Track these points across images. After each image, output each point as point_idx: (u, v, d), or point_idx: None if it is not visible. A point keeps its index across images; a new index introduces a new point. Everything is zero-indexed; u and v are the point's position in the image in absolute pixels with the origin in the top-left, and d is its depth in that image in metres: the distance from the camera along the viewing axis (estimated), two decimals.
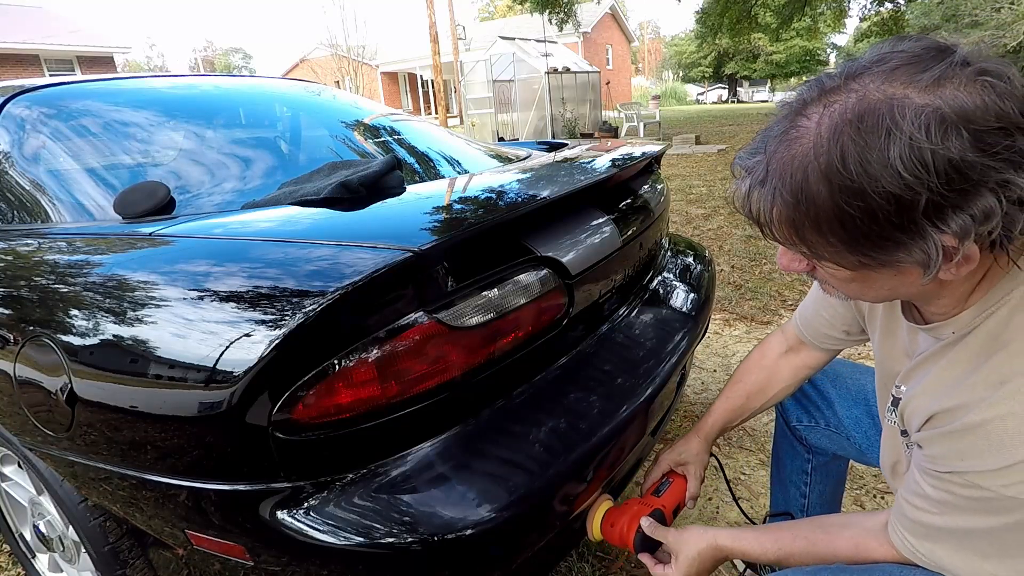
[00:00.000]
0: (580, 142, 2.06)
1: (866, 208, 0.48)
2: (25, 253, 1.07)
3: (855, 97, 0.49)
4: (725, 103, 36.36)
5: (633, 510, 0.96)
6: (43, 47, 15.98)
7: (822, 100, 0.52)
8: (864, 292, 0.61)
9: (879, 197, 0.47)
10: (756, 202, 0.55)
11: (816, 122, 0.51)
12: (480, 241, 0.91)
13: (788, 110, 0.55)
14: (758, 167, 0.54)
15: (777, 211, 0.54)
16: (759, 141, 0.56)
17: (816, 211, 0.51)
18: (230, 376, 0.71)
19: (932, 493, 0.63)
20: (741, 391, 1.06)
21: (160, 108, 1.52)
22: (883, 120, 0.47)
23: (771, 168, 0.53)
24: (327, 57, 24.26)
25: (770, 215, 0.55)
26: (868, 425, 1.04)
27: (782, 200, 0.53)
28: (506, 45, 13.32)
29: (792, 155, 0.52)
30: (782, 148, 0.53)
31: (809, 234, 0.53)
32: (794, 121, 0.53)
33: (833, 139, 0.49)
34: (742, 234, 4.10)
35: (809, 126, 0.51)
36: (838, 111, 0.50)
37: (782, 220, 0.54)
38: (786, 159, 0.52)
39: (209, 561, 0.86)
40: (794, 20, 15.36)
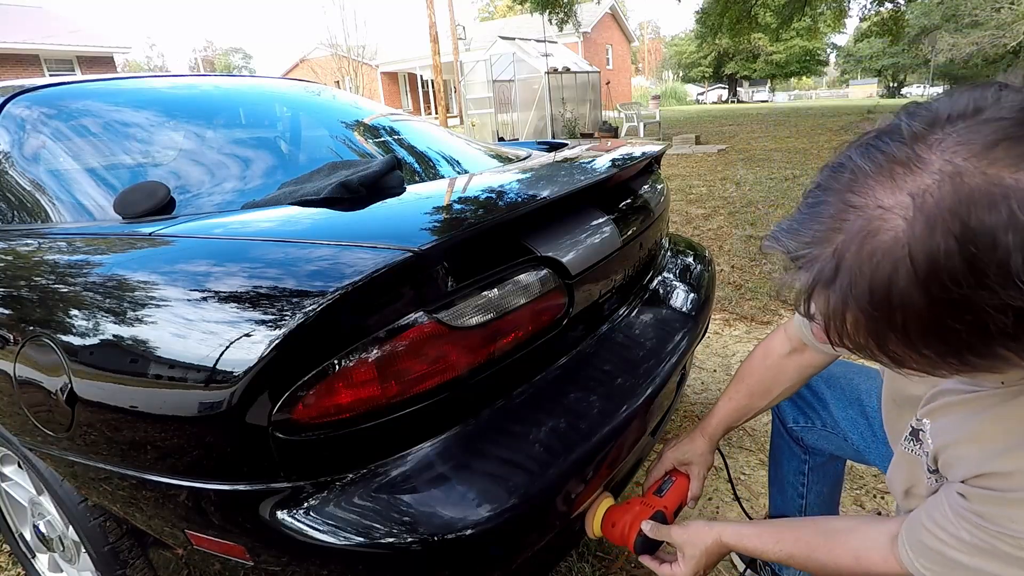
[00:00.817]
0: (580, 142, 2.06)
1: (976, 322, 0.40)
2: (25, 253, 1.07)
3: (948, 182, 0.39)
4: (725, 103, 36.36)
5: (635, 510, 0.96)
6: (43, 47, 15.98)
7: (895, 177, 0.41)
8: None
9: (994, 310, 0.38)
10: (821, 305, 0.46)
11: (900, 215, 0.40)
12: (480, 241, 0.91)
13: (841, 180, 0.44)
14: (821, 262, 0.44)
15: (853, 318, 0.44)
16: (808, 223, 0.46)
17: (907, 323, 0.42)
18: (230, 376, 0.71)
19: (967, 538, 0.59)
20: (744, 391, 1.04)
21: (160, 108, 1.52)
22: (997, 215, 0.37)
23: (843, 267, 0.43)
24: (327, 57, 24.27)
25: (841, 320, 0.45)
26: (864, 426, 1.04)
27: (859, 307, 0.43)
28: (506, 45, 13.32)
29: (872, 251, 0.41)
30: (854, 241, 0.42)
31: (894, 346, 0.44)
32: (856, 204, 0.43)
33: (930, 238, 0.39)
34: (742, 234, 4.10)
35: (888, 217, 0.41)
36: (931, 200, 0.39)
37: (859, 328, 0.45)
38: (864, 256, 0.42)
39: (209, 561, 0.87)
40: (794, 20, 15.39)
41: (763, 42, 33.85)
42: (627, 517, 0.95)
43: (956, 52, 12.16)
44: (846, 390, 1.07)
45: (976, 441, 0.60)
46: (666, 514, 0.96)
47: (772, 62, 38.02)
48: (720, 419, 1.05)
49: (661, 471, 1.05)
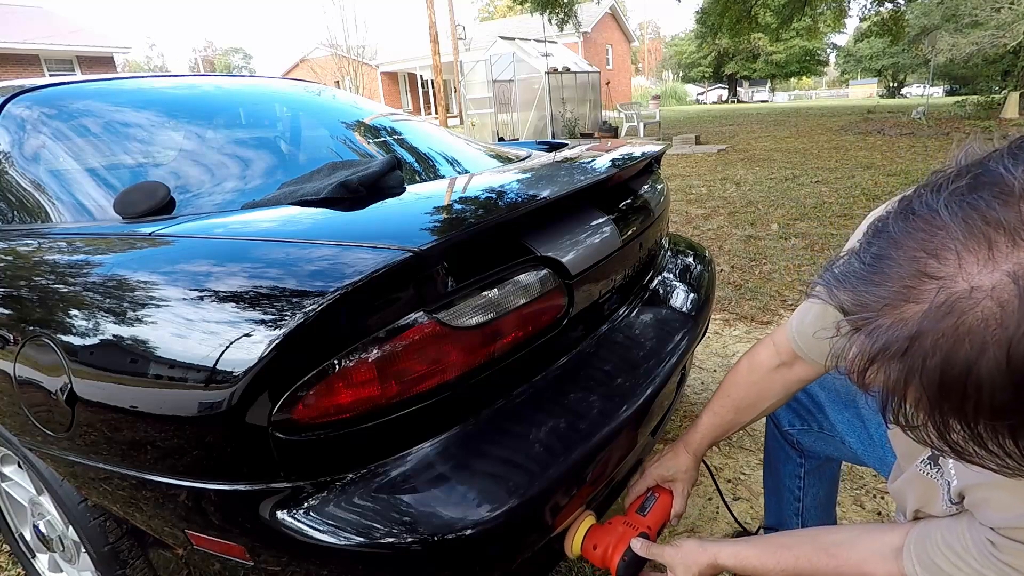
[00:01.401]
0: (580, 142, 2.06)
1: None
2: (25, 253, 1.07)
3: None
4: (725, 103, 36.37)
5: (618, 531, 0.93)
6: (43, 47, 15.98)
7: (992, 248, 0.35)
8: None
9: None
10: (879, 377, 0.40)
11: (994, 298, 0.35)
12: (480, 241, 0.91)
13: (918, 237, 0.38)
14: (889, 332, 0.38)
15: (915, 397, 0.39)
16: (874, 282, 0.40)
17: (979, 416, 0.37)
18: (230, 376, 0.71)
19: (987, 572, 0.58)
20: (729, 405, 0.99)
21: (160, 108, 1.52)
22: None
23: (917, 343, 0.37)
24: (327, 57, 24.26)
25: (902, 398, 0.41)
26: (859, 428, 1.04)
27: (925, 390, 0.38)
28: (506, 45, 13.32)
29: (953, 333, 0.36)
30: (934, 320, 0.36)
31: (956, 436, 0.39)
32: (935, 270, 0.37)
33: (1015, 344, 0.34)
34: (742, 234, 4.10)
35: (977, 296, 0.35)
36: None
37: (919, 410, 0.40)
38: (942, 334, 0.36)
39: (209, 561, 0.87)
40: (794, 20, 15.39)
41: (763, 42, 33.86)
42: (610, 539, 0.92)
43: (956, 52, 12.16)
44: (841, 393, 1.07)
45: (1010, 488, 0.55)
46: (650, 534, 0.94)
47: (772, 62, 38.02)
48: (704, 434, 1.01)
49: (643, 487, 1.03)
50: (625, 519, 0.97)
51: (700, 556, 0.83)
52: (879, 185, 5.40)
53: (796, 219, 4.41)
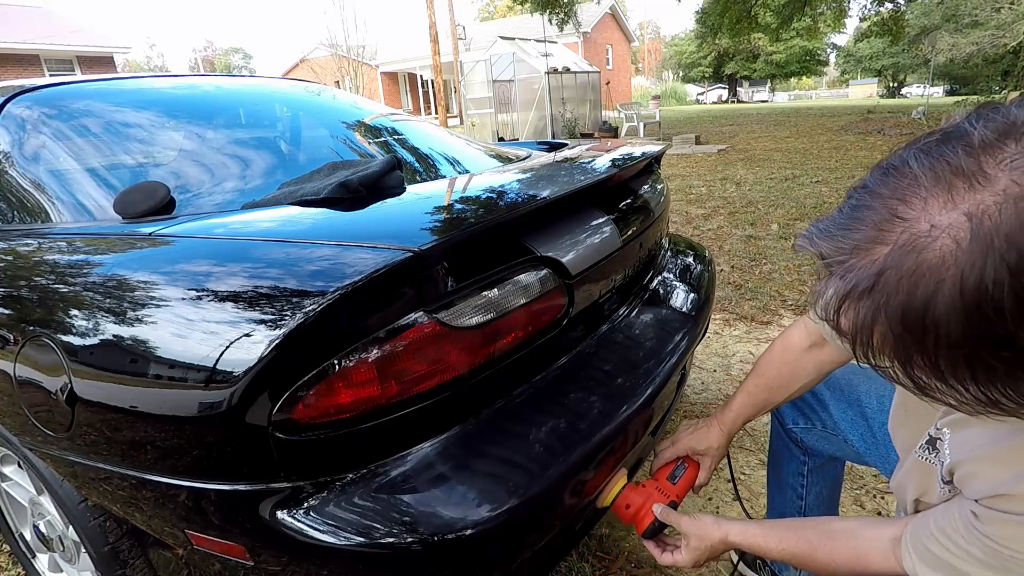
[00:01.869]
0: (580, 142, 2.06)
1: (1014, 359, 0.37)
2: (25, 253, 1.07)
3: (1012, 206, 0.36)
4: (725, 103, 36.36)
5: (651, 496, 0.98)
6: (43, 47, 15.98)
7: (952, 192, 0.38)
8: None
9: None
10: (850, 317, 0.43)
11: (951, 235, 0.37)
12: (480, 241, 0.91)
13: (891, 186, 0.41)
14: (858, 272, 0.41)
15: (881, 335, 0.41)
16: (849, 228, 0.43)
17: (937, 348, 0.39)
18: (230, 376, 0.71)
19: (979, 555, 0.59)
20: (763, 385, 1.02)
21: (160, 108, 1.52)
22: None
23: (879, 282, 0.40)
24: (327, 57, 24.27)
25: (868, 336, 0.42)
26: (863, 427, 1.04)
27: (890, 325, 0.40)
28: (506, 45, 13.32)
29: (914, 269, 0.38)
30: (895, 255, 0.39)
31: (920, 371, 0.42)
32: (906, 215, 0.40)
33: (980, 265, 0.36)
34: (742, 234, 4.11)
35: (937, 235, 0.38)
36: (988, 223, 0.36)
37: (885, 346, 0.42)
38: (904, 272, 0.39)
39: (209, 561, 0.87)
40: (794, 20, 15.39)
41: (763, 42, 33.87)
42: (642, 501, 0.97)
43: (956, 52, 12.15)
44: (845, 391, 1.07)
45: (996, 461, 0.58)
46: (677, 503, 0.98)
47: (772, 62, 38.03)
48: (738, 413, 1.03)
49: (672, 456, 1.05)
50: (657, 484, 1.01)
51: (714, 531, 0.86)
52: None
53: (796, 219, 4.41)
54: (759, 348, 2.42)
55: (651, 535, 0.95)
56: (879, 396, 1.03)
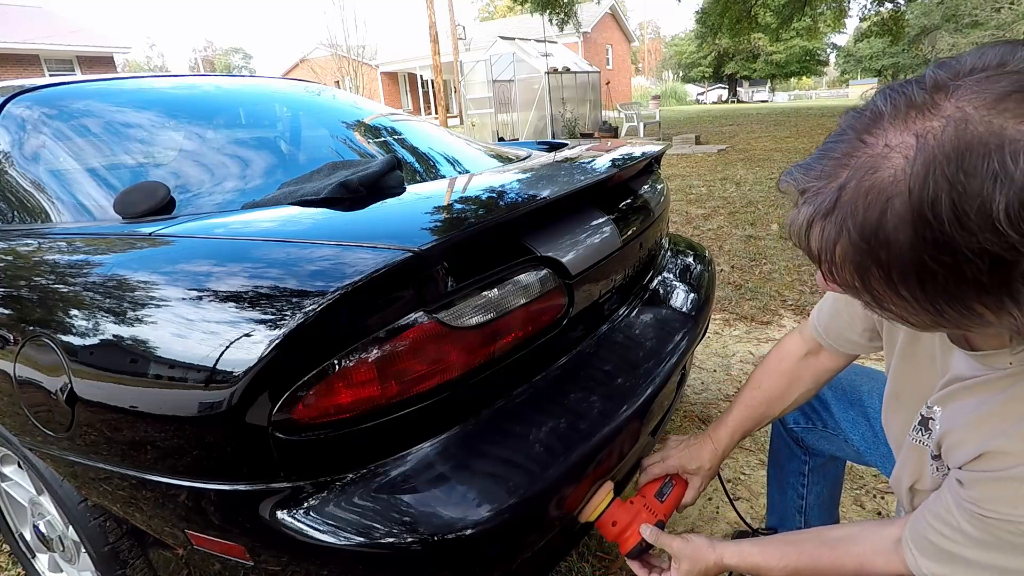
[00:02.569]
0: (580, 142, 2.06)
1: (953, 264, 0.41)
2: (25, 253, 1.07)
3: (952, 128, 0.40)
4: (725, 103, 36.37)
5: (639, 515, 0.94)
6: (43, 47, 15.98)
7: (908, 121, 0.43)
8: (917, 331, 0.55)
9: (972, 254, 0.40)
10: (816, 237, 0.47)
11: (902, 153, 0.42)
12: (480, 241, 0.91)
13: (859, 124, 0.46)
14: (823, 194, 0.46)
15: (842, 250, 0.46)
16: (821, 160, 0.47)
17: (890, 259, 0.43)
18: (230, 376, 0.71)
19: (969, 530, 0.59)
20: (760, 398, 1.00)
21: (160, 108, 1.52)
22: (989, 162, 0.38)
23: (841, 200, 0.45)
24: (327, 57, 24.28)
25: (832, 254, 0.47)
26: (865, 427, 1.04)
27: (849, 239, 0.45)
28: (506, 45, 13.32)
29: (869, 187, 0.43)
30: (856, 177, 0.44)
31: (875, 283, 0.46)
32: (868, 142, 0.44)
33: (922, 178, 0.40)
34: (742, 234, 4.11)
35: (891, 156, 0.43)
36: (931, 143, 0.41)
37: (846, 261, 0.46)
38: (860, 191, 0.43)
39: (209, 561, 0.87)
40: (794, 20, 15.40)
41: (763, 42, 33.85)
42: (629, 519, 0.94)
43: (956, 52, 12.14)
44: (848, 391, 1.07)
45: (978, 424, 0.60)
46: (664, 522, 0.95)
47: (772, 62, 38.02)
48: (734, 430, 1.01)
49: (661, 472, 1.02)
50: (644, 502, 0.97)
51: (708, 554, 0.84)
52: None
53: None
54: (759, 348, 2.42)
55: (637, 555, 0.92)
56: (881, 396, 1.03)
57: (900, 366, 0.77)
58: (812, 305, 2.77)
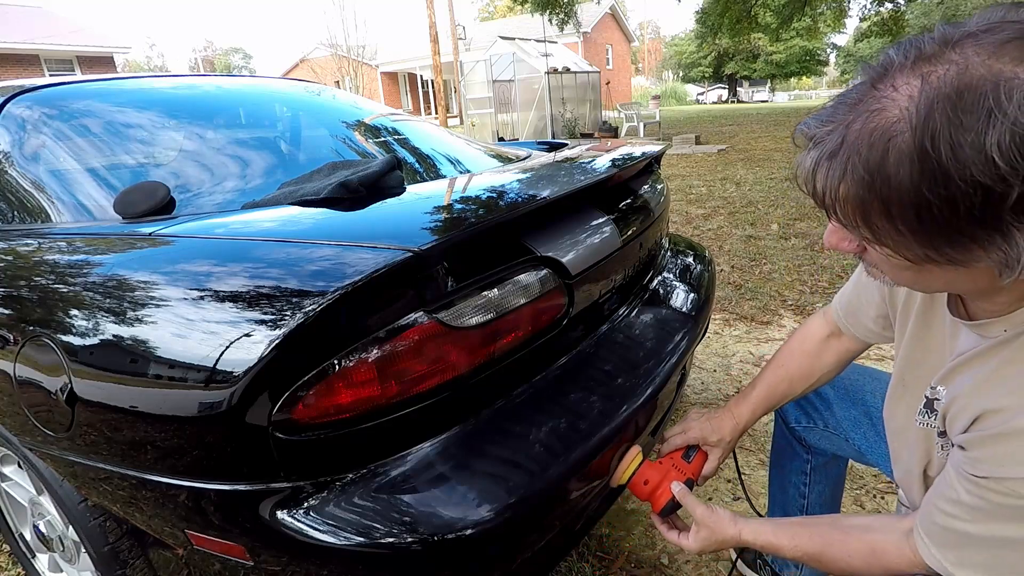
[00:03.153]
0: (580, 142, 2.06)
1: (948, 197, 0.44)
2: (25, 253, 1.07)
3: (955, 70, 0.44)
4: (725, 103, 36.36)
5: (669, 474, 0.96)
6: (43, 47, 15.98)
7: (916, 68, 0.46)
8: (916, 282, 0.57)
9: (965, 185, 0.43)
10: (822, 177, 0.50)
11: (907, 93, 0.45)
12: (480, 241, 0.91)
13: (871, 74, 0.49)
14: (830, 137, 0.49)
15: (845, 188, 0.49)
16: (832, 108, 0.50)
17: (890, 193, 0.46)
18: (230, 376, 0.71)
19: (966, 498, 0.60)
20: (784, 375, 1.02)
21: (160, 108, 1.52)
22: (985, 99, 0.42)
23: (847, 140, 0.48)
24: (327, 57, 24.27)
25: (836, 192, 0.50)
26: (867, 426, 1.04)
27: (853, 176, 0.48)
28: (506, 45, 13.32)
29: (874, 127, 0.46)
30: (861, 118, 0.47)
31: (876, 218, 0.49)
32: (878, 88, 0.47)
33: (924, 114, 0.44)
34: (742, 234, 4.10)
35: (896, 97, 0.46)
36: (934, 83, 0.44)
37: (848, 199, 0.49)
38: (865, 131, 0.47)
39: (209, 561, 0.87)
40: (794, 20, 15.40)
41: (763, 42, 33.84)
42: (660, 478, 0.95)
43: None
44: (850, 391, 1.07)
45: (975, 390, 0.61)
46: (694, 482, 0.97)
47: (772, 62, 38.00)
48: (756, 407, 1.02)
49: (682, 443, 1.03)
50: (673, 462, 0.99)
51: (729, 527, 0.85)
52: None
53: (796, 219, 4.41)
54: (759, 348, 2.42)
55: (669, 512, 0.93)
56: (884, 395, 1.03)
57: (909, 351, 0.78)
58: (812, 305, 2.77)
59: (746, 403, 1.03)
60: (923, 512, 0.68)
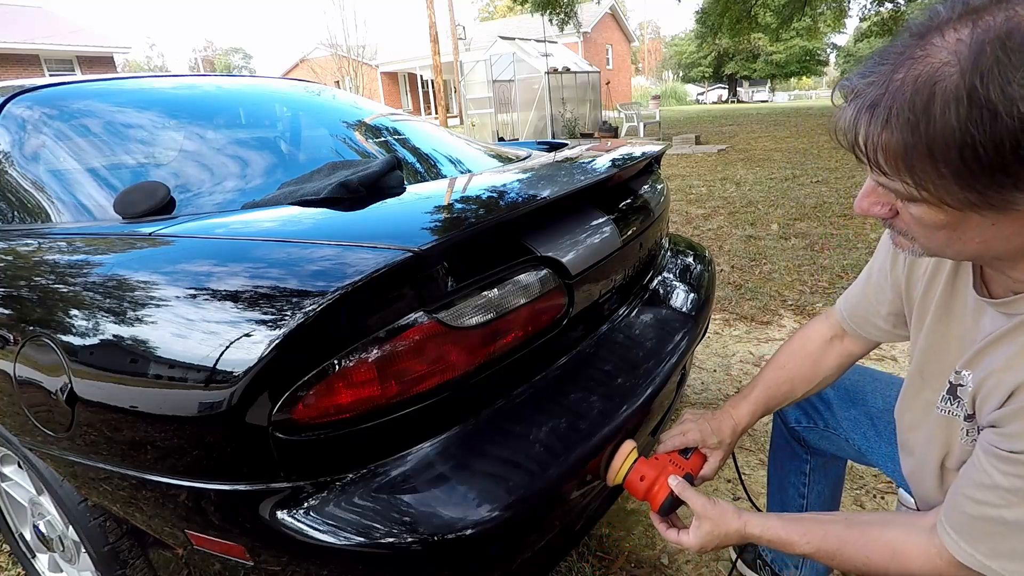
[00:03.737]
0: (580, 142, 2.06)
1: (993, 135, 0.45)
2: (25, 253, 1.07)
3: (1004, 15, 0.46)
4: (725, 103, 36.36)
5: (668, 470, 0.92)
6: (43, 47, 15.98)
7: (964, 18, 0.48)
8: (949, 243, 0.57)
9: (1013, 122, 0.44)
10: (864, 125, 0.51)
11: (955, 39, 0.47)
12: (480, 241, 0.91)
13: (916, 28, 0.50)
14: (871, 89, 0.50)
15: (888, 134, 0.50)
16: (874, 63, 0.52)
17: (934, 134, 0.47)
18: (230, 376, 0.71)
19: (1001, 480, 0.58)
20: (785, 377, 1.00)
21: (160, 108, 1.52)
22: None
23: (890, 88, 0.49)
24: (327, 57, 24.28)
25: (878, 139, 0.50)
26: (867, 426, 1.04)
27: (897, 120, 0.49)
28: (506, 45, 13.32)
29: (918, 74, 0.48)
30: (905, 67, 0.49)
31: (919, 161, 0.49)
32: (924, 39, 0.49)
33: (975, 54, 0.45)
34: (742, 234, 4.10)
35: (944, 44, 0.47)
36: (983, 27, 0.46)
37: (891, 144, 0.50)
38: (910, 78, 0.48)
39: (209, 561, 0.87)
40: (794, 20, 15.39)
41: (763, 42, 33.83)
42: (656, 474, 0.91)
43: None
44: (850, 391, 1.07)
45: (1007, 368, 0.60)
46: (693, 477, 0.94)
47: (772, 62, 38.00)
48: (755, 408, 1.00)
49: (680, 444, 1.00)
50: (669, 458, 0.96)
51: (732, 520, 0.82)
52: None
53: (796, 219, 4.41)
54: (759, 348, 2.42)
55: (668, 511, 0.89)
56: (884, 396, 1.03)
57: (928, 343, 0.76)
58: (812, 305, 2.77)
59: (745, 404, 1.01)
60: (948, 506, 0.66)
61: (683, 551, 1.39)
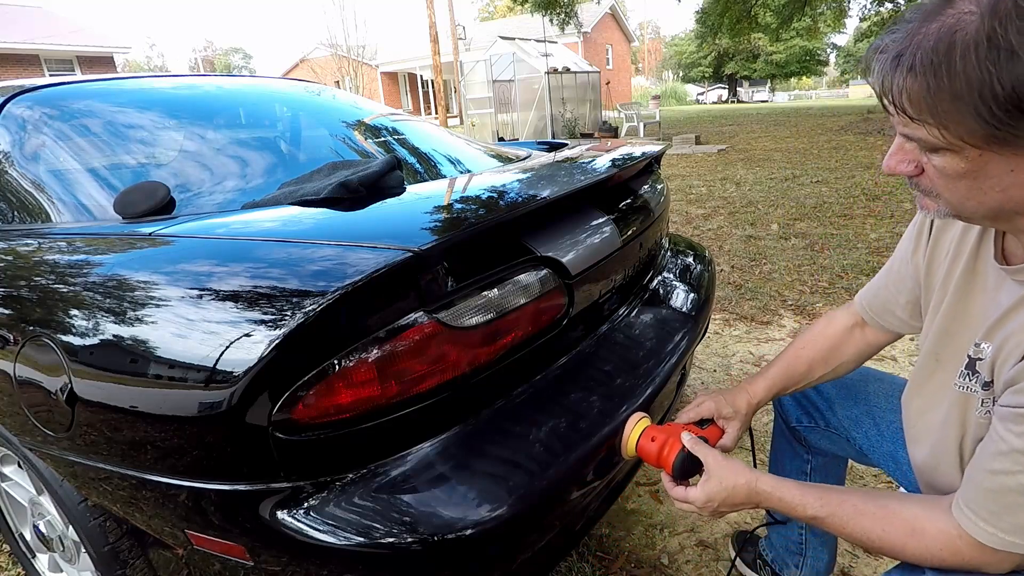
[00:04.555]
0: (580, 142, 2.06)
1: (1011, 74, 0.48)
2: (25, 253, 1.07)
3: None
4: (725, 103, 36.36)
5: (677, 431, 0.90)
6: (43, 47, 15.98)
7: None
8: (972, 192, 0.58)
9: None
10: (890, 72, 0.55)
11: None
12: (480, 241, 0.91)
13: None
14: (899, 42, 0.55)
15: (913, 77, 0.54)
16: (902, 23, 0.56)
17: (956, 74, 0.51)
18: (230, 376, 0.71)
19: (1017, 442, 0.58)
20: (804, 358, 1.01)
21: (160, 108, 1.52)
22: None
23: (915, 39, 0.53)
24: (327, 57, 24.28)
25: (903, 82, 0.55)
26: (868, 425, 1.04)
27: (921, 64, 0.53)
28: (506, 45, 13.32)
29: (940, 25, 0.52)
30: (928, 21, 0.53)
31: (941, 102, 0.53)
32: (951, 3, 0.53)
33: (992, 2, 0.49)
34: (742, 234, 4.11)
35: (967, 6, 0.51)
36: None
37: (915, 88, 0.54)
38: (932, 30, 0.52)
39: (209, 561, 0.87)
40: (794, 20, 15.39)
41: (763, 42, 33.84)
42: (667, 436, 0.89)
43: None
44: (852, 390, 1.07)
45: None
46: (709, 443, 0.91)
47: (772, 62, 38.01)
48: (772, 385, 1.01)
49: (695, 416, 0.99)
50: (684, 425, 0.95)
51: (741, 475, 0.81)
52: (879, 185, 5.40)
53: (796, 219, 4.41)
54: (759, 348, 2.42)
55: (681, 473, 0.85)
56: (886, 395, 1.03)
57: (944, 325, 0.76)
58: (812, 305, 2.78)
59: (762, 380, 1.01)
60: (965, 486, 0.65)
61: (683, 551, 1.39)
